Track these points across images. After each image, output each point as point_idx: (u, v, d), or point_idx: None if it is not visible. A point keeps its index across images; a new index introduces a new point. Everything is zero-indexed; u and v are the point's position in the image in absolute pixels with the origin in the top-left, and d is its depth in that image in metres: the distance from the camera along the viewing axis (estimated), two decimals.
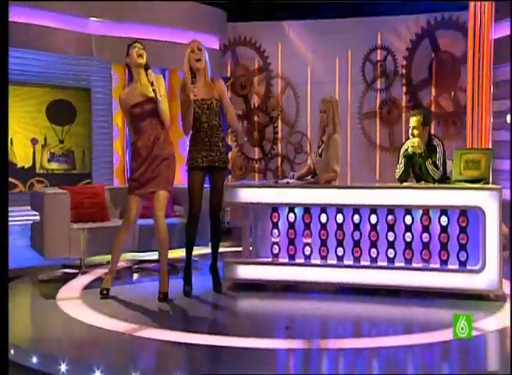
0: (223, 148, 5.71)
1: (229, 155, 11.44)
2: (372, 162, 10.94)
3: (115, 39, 9.62)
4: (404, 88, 11.06)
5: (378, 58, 11.12)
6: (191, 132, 5.66)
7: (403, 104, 11.08)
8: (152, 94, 5.46)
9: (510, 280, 4.48)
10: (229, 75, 11.43)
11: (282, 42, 11.43)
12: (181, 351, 4.19)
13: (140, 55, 5.49)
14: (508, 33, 9.45)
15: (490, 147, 9.76)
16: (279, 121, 11.34)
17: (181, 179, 8.50)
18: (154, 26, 10.34)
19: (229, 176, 11.18)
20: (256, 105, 11.46)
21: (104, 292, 5.49)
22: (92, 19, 9.77)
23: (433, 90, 10.98)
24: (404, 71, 11.04)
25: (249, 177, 11.22)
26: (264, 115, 11.37)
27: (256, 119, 11.41)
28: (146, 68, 5.50)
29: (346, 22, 11.09)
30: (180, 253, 6.20)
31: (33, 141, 8.59)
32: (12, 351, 4.18)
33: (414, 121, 6.17)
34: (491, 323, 4.73)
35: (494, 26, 9.95)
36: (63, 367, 3.90)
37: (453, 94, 10.72)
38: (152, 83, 5.44)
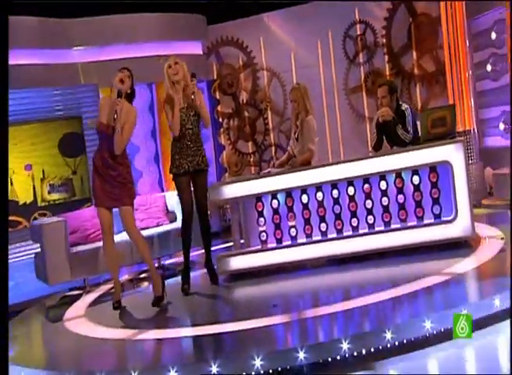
0: (204, 153, 6.08)
1: (224, 153, 11.78)
2: (364, 136, 11.09)
3: (100, 63, 9.99)
4: (386, 57, 11.20)
5: (358, 32, 11.30)
6: (173, 141, 6.01)
7: (387, 72, 11.23)
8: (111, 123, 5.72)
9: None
10: (215, 76, 11.73)
11: (263, 35, 11.66)
12: (180, 344, 4.53)
13: (122, 81, 5.71)
14: None
15: (472, 98, 9.94)
16: (269, 112, 11.60)
17: None
18: (136, 43, 10.68)
19: (226, 174, 11.49)
20: (245, 101, 11.75)
21: (116, 304, 5.80)
22: (75, 48, 10.17)
23: (414, 53, 11.12)
24: (384, 40, 11.18)
25: (245, 172, 11.50)
26: (254, 109, 11.65)
27: (246, 114, 11.70)
28: (118, 94, 5.66)
29: (323, 3, 11.25)
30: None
31: (28, 167, 8.99)
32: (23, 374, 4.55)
33: (381, 91, 6.49)
34: (461, 266, 5.07)
35: None
36: None
37: (435, 53, 10.74)
38: (116, 112, 5.67)
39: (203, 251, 6.27)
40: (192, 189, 6.04)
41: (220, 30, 11.75)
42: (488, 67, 10.02)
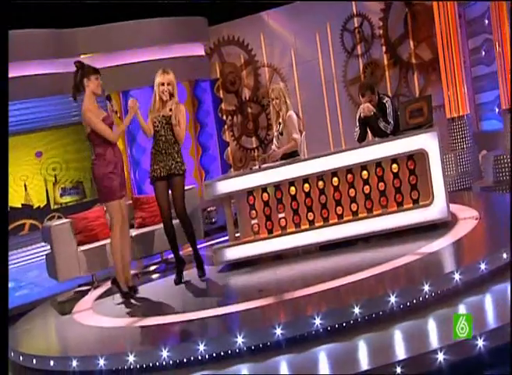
0: (179, 159, 6.36)
1: (228, 150, 12.20)
2: None
3: (106, 69, 10.43)
4: (384, 48, 11.57)
5: (355, 25, 11.65)
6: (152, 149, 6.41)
7: (385, 62, 11.58)
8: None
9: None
10: (218, 75, 12.15)
11: (263, 32, 12.13)
12: (174, 327, 4.99)
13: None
14: None
15: (465, 84, 10.24)
16: (271, 107, 11.95)
17: None
18: (140, 49, 11.17)
19: (231, 170, 11.92)
20: (247, 98, 12.19)
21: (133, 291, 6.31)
22: (83, 56, 10.67)
23: (411, 43, 11.45)
24: (381, 31, 11.55)
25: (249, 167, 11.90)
26: (256, 105, 12.08)
27: (249, 110, 12.14)
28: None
29: None
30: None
31: (38, 154, 9.49)
32: (34, 361, 5.09)
33: (366, 99, 7.01)
34: (432, 246, 5.49)
35: None
36: (74, 363, 4.73)
37: (431, 41, 11.06)
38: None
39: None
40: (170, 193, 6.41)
41: (221, 30, 12.23)
42: (482, 53, 10.31)
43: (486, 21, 10.09)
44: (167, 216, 6.37)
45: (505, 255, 4.79)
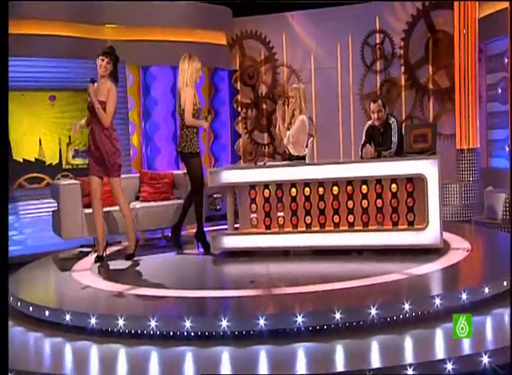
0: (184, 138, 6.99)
1: (239, 141, 12.47)
2: None
3: (129, 42, 10.71)
4: (402, 68, 11.83)
5: (377, 41, 11.91)
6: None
7: (402, 83, 11.85)
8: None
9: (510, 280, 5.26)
10: (237, 67, 12.41)
11: (286, 32, 12.34)
12: (163, 301, 5.29)
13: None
14: (495, 10, 10.14)
15: (478, 119, 10.48)
16: (286, 107, 12.22)
17: None
18: (163, 27, 11.39)
19: (241, 161, 12.19)
20: (263, 94, 12.44)
21: (96, 259, 6.86)
22: (107, 25, 10.91)
23: (430, 68, 11.71)
24: (402, 52, 11.81)
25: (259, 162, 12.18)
26: (272, 102, 12.33)
27: (264, 106, 12.39)
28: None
29: (346, 8, 11.94)
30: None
31: (51, 98, 9.77)
32: (31, 308, 5.43)
33: (377, 106, 7.22)
34: (421, 270, 5.72)
35: (479, 5, 10.61)
36: (68, 316, 5.05)
37: (450, 70, 11.22)
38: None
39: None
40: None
41: (245, 23, 12.43)
42: (499, 90, 10.56)
43: (506, 60, 10.34)
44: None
45: (487, 290, 5.06)
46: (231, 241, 6.92)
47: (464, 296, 4.90)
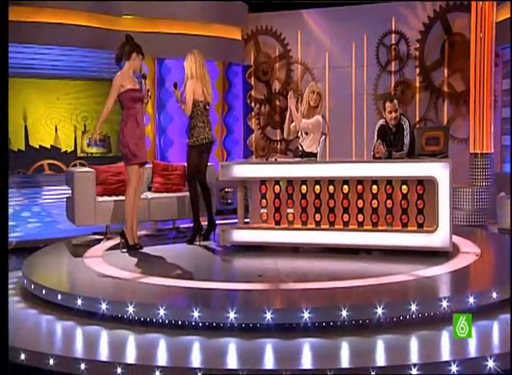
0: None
1: (252, 137, 12.53)
2: None
3: (145, 34, 10.77)
4: (417, 70, 11.84)
5: (392, 41, 11.93)
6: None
7: (417, 85, 11.87)
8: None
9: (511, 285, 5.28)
10: (251, 62, 12.46)
11: (301, 30, 12.37)
12: (178, 291, 5.38)
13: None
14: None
15: (492, 124, 10.40)
16: (299, 104, 12.28)
17: None
18: (179, 20, 11.47)
19: (253, 156, 12.26)
20: (277, 90, 12.49)
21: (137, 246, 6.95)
22: (124, 16, 10.99)
23: (445, 70, 11.72)
24: (417, 53, 11.81)
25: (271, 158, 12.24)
26: (285, 99, 12.34)
27: (277, 103, 12.44)
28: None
29: (362, 8, 11.95)
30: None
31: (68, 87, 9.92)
32: (43, 291, 5.53)
33: (393, 105, 7.26)
34: (429, 272, 5.76)
35: (497, 9, 10.59)
36: (79, 301, 5.15)
37: (465, 73, 11.17)
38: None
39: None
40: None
41: (260, 18, 12.47)
42: None
43: None
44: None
45: (495, 295, 5.08)
46: (241, 235, 7.01)
47: (471, 300, 4.93)
